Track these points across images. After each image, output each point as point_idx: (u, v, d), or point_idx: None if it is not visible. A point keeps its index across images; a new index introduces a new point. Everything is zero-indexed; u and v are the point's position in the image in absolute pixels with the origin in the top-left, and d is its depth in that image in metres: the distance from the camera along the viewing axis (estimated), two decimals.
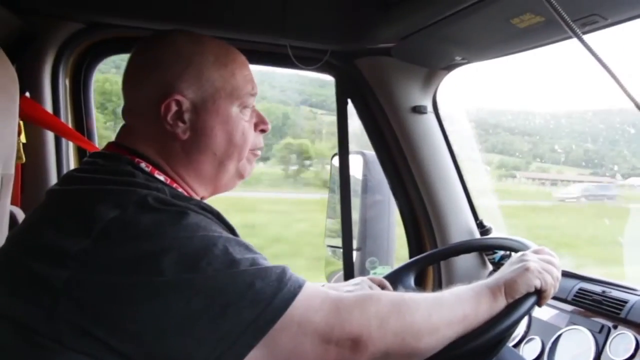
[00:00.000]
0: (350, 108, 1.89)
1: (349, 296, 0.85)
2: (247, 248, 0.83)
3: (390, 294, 0.90)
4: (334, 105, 1.91)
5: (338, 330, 0.80)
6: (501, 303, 0.94)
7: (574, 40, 0.98)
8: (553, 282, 0.98)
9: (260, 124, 1.03)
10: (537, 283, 0.96)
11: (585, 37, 0.96)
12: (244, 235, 0.90)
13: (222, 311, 0.75)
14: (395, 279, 1.39)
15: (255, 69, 1.03)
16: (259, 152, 1.04)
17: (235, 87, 0.96)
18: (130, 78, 0.97)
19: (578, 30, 0.95)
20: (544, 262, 1.00)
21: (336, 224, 2.11)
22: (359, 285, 1.28)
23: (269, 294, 0.78)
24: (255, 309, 0.76)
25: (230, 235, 0.85)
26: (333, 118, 1.92)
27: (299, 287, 0.81)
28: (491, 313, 0.93)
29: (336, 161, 1.98)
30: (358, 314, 0.82)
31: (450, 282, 1.83)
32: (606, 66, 0.93)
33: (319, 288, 0.85)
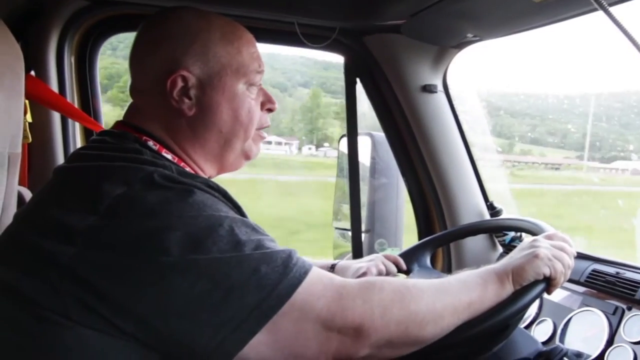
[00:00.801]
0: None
1: (352, 283, 0.83)
2: (254, 229, 0.82)
3: (394, 281, 0.87)
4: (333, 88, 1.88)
5: (340, 318, 0.79)
6: (508, 290, 0.92)
7: (592, 15, 0.94)
8: (563, 270, 0.95)
9: (267, 103, 1.02)
10: (546, 271, 0.94)
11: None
12: None
13: (226, 296, 0.74)
14: (411, 258, 1.37)
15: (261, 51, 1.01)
16: (265, 134, 1.04)
17: (242, 64, 0.95)
18: (136, 56, 0.96)
19: (604, 1, 0.90)
20: (556, 249, 0.97)
21: (344, 207, 2.09)
22: (372, 262, 1.27)
23: (274, 280, 0.76)
24: (259, 294, 0.75)
25: (237, 216, 0.83)
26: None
27: (304, 272, 0.79)
28: (497, 300, 0.91)
29: (344, 145, 1.95)
30: (361, 302, 0.80)
31: (460, 263, 1.81)
32: (634, 40, 0.88)
33: (323, 273, 0.83)
